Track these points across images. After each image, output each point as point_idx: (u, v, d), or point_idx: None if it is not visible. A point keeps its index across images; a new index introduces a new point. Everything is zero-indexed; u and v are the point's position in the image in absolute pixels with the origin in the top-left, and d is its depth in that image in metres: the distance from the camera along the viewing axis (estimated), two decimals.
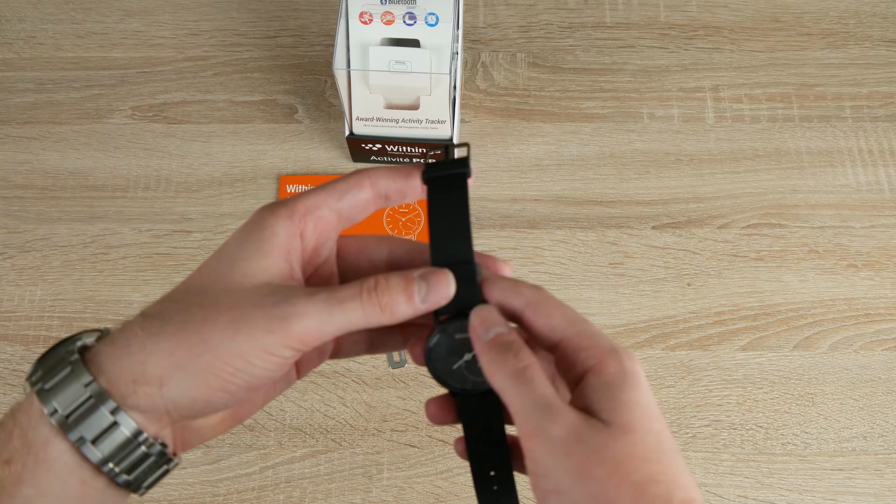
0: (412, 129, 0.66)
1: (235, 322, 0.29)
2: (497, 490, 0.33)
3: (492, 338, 0.31)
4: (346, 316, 0.30)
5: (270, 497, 0.60)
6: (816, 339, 0.64)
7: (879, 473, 0.60)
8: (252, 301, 0.30)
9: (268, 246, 0.31)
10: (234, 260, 0.31)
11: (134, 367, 0.29)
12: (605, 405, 0.29)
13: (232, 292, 0.30)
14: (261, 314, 0.29)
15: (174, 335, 0.29)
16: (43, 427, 0.29)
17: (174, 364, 0.29)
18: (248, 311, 0.29)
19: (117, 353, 0.30)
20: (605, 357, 0.30)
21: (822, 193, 0.68)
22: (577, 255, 0.67)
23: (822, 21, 0.75)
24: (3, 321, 0.65)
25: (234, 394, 0.30)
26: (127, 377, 0.29)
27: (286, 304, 0.30)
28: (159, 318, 0.30)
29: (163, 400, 0.29)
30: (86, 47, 0.74)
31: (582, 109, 0.72)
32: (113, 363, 0.30)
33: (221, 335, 0.29)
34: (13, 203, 0.69)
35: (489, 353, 0.31)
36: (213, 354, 0.29)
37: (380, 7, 0.62)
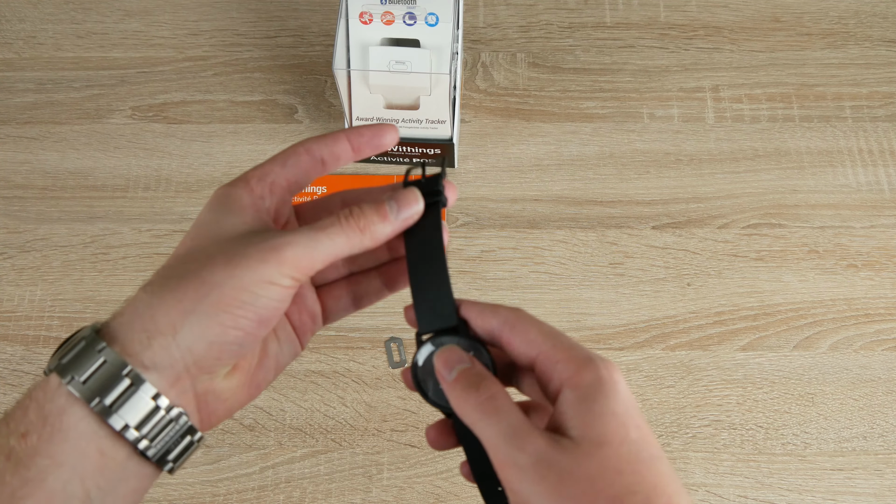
0: (412, 129, 0.66)
1: (231, 260, 0.31)
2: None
3: (455, 376, 0.32)
4: (330, 241, 0.32)
5: (270, 497, 0.60)
6: (816, 339, 0.64)
7: (879, 473, 0.60)
8: (242, 243, 0.31)
9: (237, 207, 0.33)
10: (211, 223, 0.33)
11: (145, 323, 0.30)
12: (578, 420, 0.29)
13: (219, 243, 0.32)
14: (253, 249, 0.31)
15: (177, 287, 0.30)
16: (59, 398, 0.29)
17: (184, 309, 0.30)
18: (241, 250, 0.31)
19: (126, 319, 0.31)
20: (581, 367, 0.30)
21: (822, 193, 0.68)
22: (577, 255, 0.67)
23: (822, 21, 0.75)
24: (3, 321, 0.65)
25: (247, 329, 0.31)
26: (140, 334, 0.30)
27: (274, 238, 0.31)
28: (159, 279, 0.31)
29: (179, 350, 0.30)
30: (86, 47, 0.74)
31: (582, 109, 0.72)
32: (124, 327, 0.30)
33: (222, 274, 0.30)
34: (13, 203, 0.69)
35: (454, 392, 0.32)
36: (219, 291, 0.30)
37: (380, 7, 0.62)
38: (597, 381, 0.30)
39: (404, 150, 0.67)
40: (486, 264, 0.66)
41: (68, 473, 0.28)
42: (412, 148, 0.67)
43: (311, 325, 0.38)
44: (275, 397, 0.63)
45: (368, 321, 0.65)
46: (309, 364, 0.64)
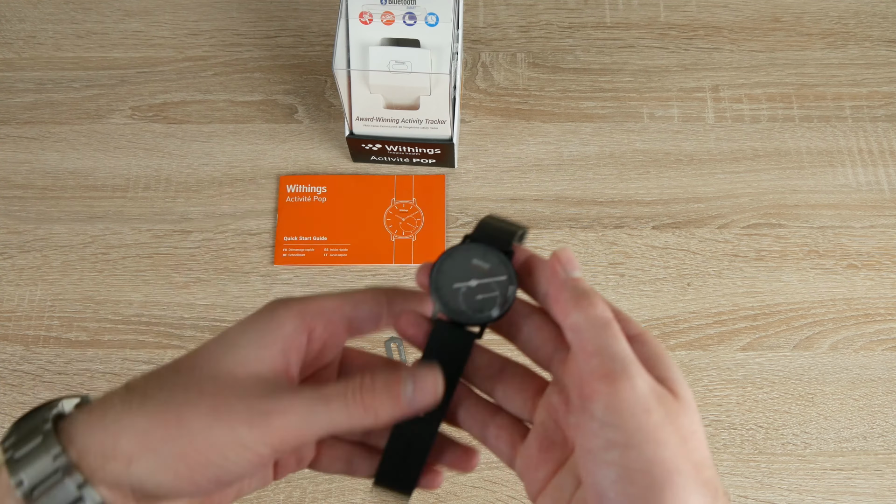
0: (412, 129, 0.66)
1: (216, 410, 0.29)
2: (409, 442, 0.32)
3: (574, 279, 0.31)
4: (329, 415, 0.29)
5: (270, 497, 0.60)
6: (816, 339, 0.64)
7: (879, 473, 0.60)
8: (237, 391, 0.29)
9: (270, 337, 0.31)
10: (231, 345, 0.31)
11: (106, 441, 0.29)
12: (670, 375, 0.29)
13: (219, 378, 0.30)
14: (243, 406, 0.29)
15: (152, 415, 0.29)
16: (9, 500, 0.28)
17: (146, 445, 0.28)
18: (231, 401, 0.29)
19: (92, 423, 0.29)
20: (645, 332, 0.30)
21: (822, 193, 0.68)
22: (577, 255, 0.67)
23: (822, 21, 0.75)
24: (3, 321, 0.65)
25: (202, 486, 0.29)
26: (97, 450, 0.29)
27: (270, 398, 0.29)
28: (140, 394, 0.29)
29: (129, 479, 0.29)
30: (86, 47, 0.74)
31: (582, 109, 0.72)
32: (86, 434, 0.29)
33: (200, 422, 0.28)
34: (13, 203, 0.69)
35: (573, 292, 0.30)
36: (188, 441, 0.28)
37: (380, 7, 0.62)
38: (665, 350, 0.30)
39: (404, 149, 0.67)
40: None
41: None
42: (412, 148, 0.67)
43: (294, 466, 0.35)
44: None
45: None
46: None
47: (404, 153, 0.68)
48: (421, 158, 0.68)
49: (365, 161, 0.70)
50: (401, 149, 0.67)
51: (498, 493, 0.60)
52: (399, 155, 0.68)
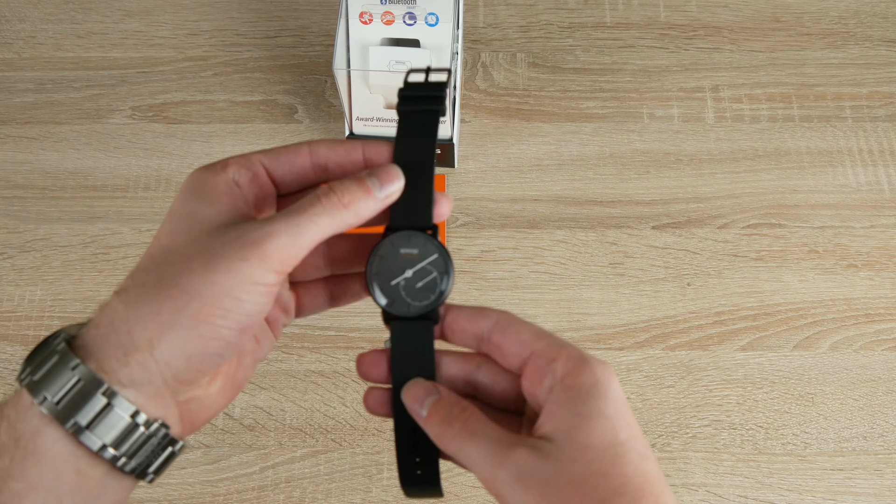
0: None
1: (209, 263, 0.29)
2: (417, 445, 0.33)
3: (429, 411, 0.31)
4: (314, 224, 0.30)
5: (270, 497, 0.60)
6: (816, 339, 0.64)
7: (879, 473, 0.60)
8: (220, 240, 0.29)
9: (213, 195, 0.31)
10: (186, 216, 0.31)
11: (121, 339, 0.28)
12: (566, 422, 0.29)
13: (196, 240, 0.30)
14: (231, 247, 0.29)
15: (154, 297, 0.29)
16: (32, 418, 0.28)
17: (161, 323, 0.28)
18: (219, 249, 0.29)
19: (101, 331, 0.29)
20: (576, 367, 0.30)
21: (822, 193, 0.68)
22: (577, 255, 0.67)
23: (822, 21, 0.75)
24: (3, 321, 0.65)
25: (228, 339, 0.29)
26: (116, 351, 0.28)
27: (252, 230, 0.29)
28: (134, 288, 0.29)
29: (157, 365, 0.28)
30: (86, 47, 0.74)
31: (582, 109, 0.72)
32: (99, 342, 0.29)
33: (200, 280, 0.29)
34: (13, 203, 0.69)
35: (431, 429, 0.31)
36: (199, 301, 0.28)
37: (380, 7, 0.62)
38: (591, 382, 0.29)
39: None
40: (486, 264, 0.66)
41: (44, 496, 0.28)
42: None
43: (283, 318, 0.36)
44: (275, 397, 0.63)
45: (368, 321, 0.65)
46: (309, 364, 0.64)
47: None
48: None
49: None
50: None
51: None
52: None
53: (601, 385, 0.29)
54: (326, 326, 0.64)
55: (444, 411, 0.31)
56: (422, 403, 0.32)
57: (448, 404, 0.31)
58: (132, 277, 0.30)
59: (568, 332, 0.64)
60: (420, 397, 0.32)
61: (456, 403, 0.31)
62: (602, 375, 0.30)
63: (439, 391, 0.32)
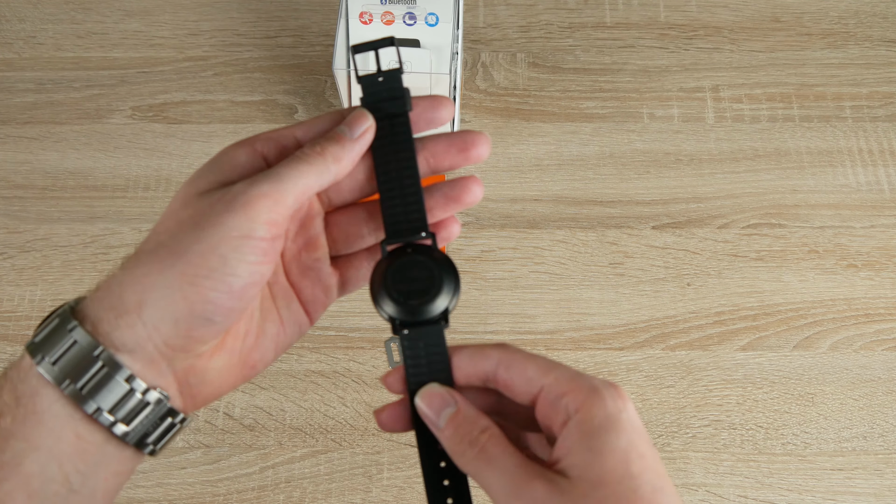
0: None
1: (198, 221, 0.29)
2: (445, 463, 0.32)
3: (447, 422, 0.31)
4: (297, 172, 0.30)
5: (270, 497, 0.60)
6: (816, 339, 0.64)
7: (879, 473, 0.60)
8: (207, 200, 0.30)
9: (229, 167, 0.31)
10: (197, 184, 0.31)
11: (113, 301, 0.29)
12: (579, 458, 0.28)
13: (190, 204, 0.30)
14: (219, 203, 0.29)
15: (147, 260, 0.29)
16: (31, 378, 0.28)
17: (147, 284, 0.29)
18: (206, 208, 0.29)
19: (98, 296, 0.29)
20: (584, 401, 0.29)
21: (822, 193, 0.68)
22: (577, 255, 0.67)
23: (822, 21, 0.75)
24: (3, 321, 0.65)
25: (217, 303, 0.29)
26: (108, 314, 0.29)
27: (238, 187, 0.30)
28: (134, 255, 0.30)
29: (146, 329, 0.28)
30: (86, 47, 0.74)
31: (582, 109, 0.72)
32: (95, 306, 0.29)
33: (187, 238, 0.29)
34: (13, 203, 0.69)
35: (450, 444, 0.30)
36: (184, 260, 0.28)
37: (380, 7, 0.62)
38: (602, 416, 0.28)
39: None
40: (486, 264, 0.66)
41: (45, 457, 0.28)
42: None
43: (323, 299, 0.35)
44: (275, 397, 0.63)
45: (368, 321, 0.65)
46: (309, 364, 0.64)
47: None
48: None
49: None
50: None
51: None
52: None
53: (612, 417, 0.28)
54: (326, 326, 0.65)
55: (462, 428, 0.30)
56: (438, 413, 0.31)
57: (467, 421, 0.30)
58: (139, 246, 0.31)
59: (568, 332, 0.64)
60: (436, 405, 0.31)
61: (475, 422, 0.30)
62: (613, 407, 0.29)
63: (457, 402, 0.31)
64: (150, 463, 0.61)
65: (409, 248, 0.33)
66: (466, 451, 0.30)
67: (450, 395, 0.31)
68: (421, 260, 0.33)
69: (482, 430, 0.30)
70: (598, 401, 0.29)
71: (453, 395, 0.31)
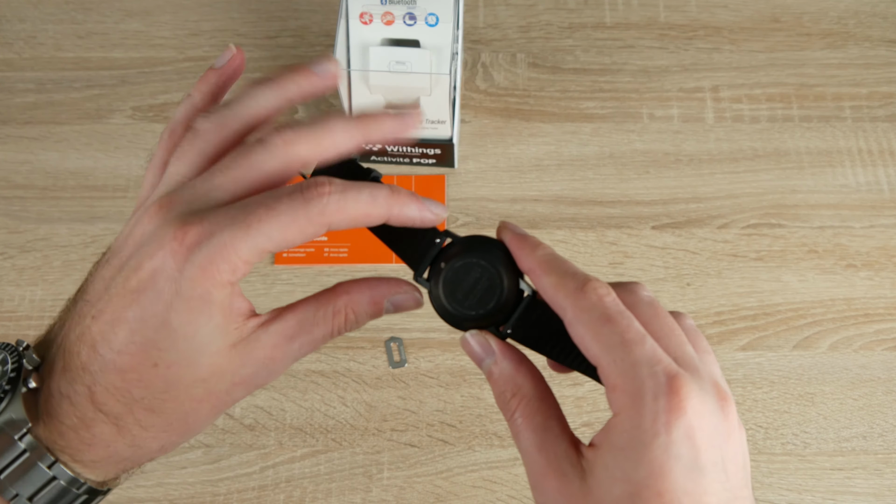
0: None
1: (217, 407, 0.30)
2: None
3: (487, 374, 0.30)
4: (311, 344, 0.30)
5: (271, 496, 0.60)
6: (816, 339, 0.64)
7: (879, 473, 0.61)
8: (227, 378, 0.29)
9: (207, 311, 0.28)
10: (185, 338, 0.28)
11: (122, 463, 0.30)
12: (600, 467, 0.25)
13: (201, 378, 0.28)
14: (239, 388, 0.29)
15: (163, 430, 0.29)
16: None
17: (162, 446, 0.30)
18: (225, 387, 0.29)
19: (98, 457, 0.29)
20: (624, 408, 0.25)
21: (821, 193, 0.69)
22: (577, 255, 0.67)
23: (821, 21, 0.75)
24: (4, 321, 0.65)
25: None
26: (112, 469, 0.30)
27: (249, 365, 0.29)
28: (135, 422, 0.29)
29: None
30: (86, 47, 0.74)
31: (582, 109, 0.72)
32: (97, 465, 0.29)
33: (208, 417, 0.30)
34: (13, 203, 0.69)
35: (496, 399, 0.29)
36: (200, 427, 0.30)
37: (380, 7, 0.62)
38: (629, 438, 0.24)
39: (404, 150, 0.67)
40: None
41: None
42: (412, 148, 0.67)
43: None
44: (275, 397, 0.63)
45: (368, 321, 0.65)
46: (309, 364, 0.64)
47: (404, 153, 0.68)
48: (421, 158, 0.68)
49: (365, 161, 0.70)
50: (401, 149, 0.67)
51: (498, 493, 0.60)
52: (399, 155, 0.68)
53: (640, 441, 0.24)
54: None
55: (498, 386, 0.29)
56: (480, 360, 0.30)
57: (502, 378, 0.29)
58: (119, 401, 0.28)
59: None
60: (476, 354, 0.30)
61: (508, 381, 0.29)
62: (650, 426, 0.24)
63: (494, 354, 0.29)
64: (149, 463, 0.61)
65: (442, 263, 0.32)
66: (503, 411, 0.29)
67: (487, 344, 0.30)
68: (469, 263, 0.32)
69: (513, 392, 0.29)
70: (636, 414, 0.24)
71: (490, 346, 0.30)
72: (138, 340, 0.27)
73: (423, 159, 0.68)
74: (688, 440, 0.24)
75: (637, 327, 0.26)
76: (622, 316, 0.26)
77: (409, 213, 0.30)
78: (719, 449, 0.25)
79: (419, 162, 0.69)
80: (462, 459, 0.61)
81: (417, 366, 0.63)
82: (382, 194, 0.29)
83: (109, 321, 0.28)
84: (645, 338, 0.26)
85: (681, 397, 0.24)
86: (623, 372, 0.25)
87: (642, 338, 0.26)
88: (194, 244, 0.27)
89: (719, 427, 0.26)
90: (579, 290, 0.27)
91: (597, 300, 0.27)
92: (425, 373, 0.63)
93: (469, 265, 0.32)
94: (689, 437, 0.24)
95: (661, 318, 0.28)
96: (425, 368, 0.63)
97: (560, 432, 0.28)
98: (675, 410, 0.24)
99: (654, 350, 0.25)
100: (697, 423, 0.24)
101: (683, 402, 0.24)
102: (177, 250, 0.27)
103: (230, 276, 0.27)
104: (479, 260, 0.32)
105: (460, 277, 0.31)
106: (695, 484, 0.24)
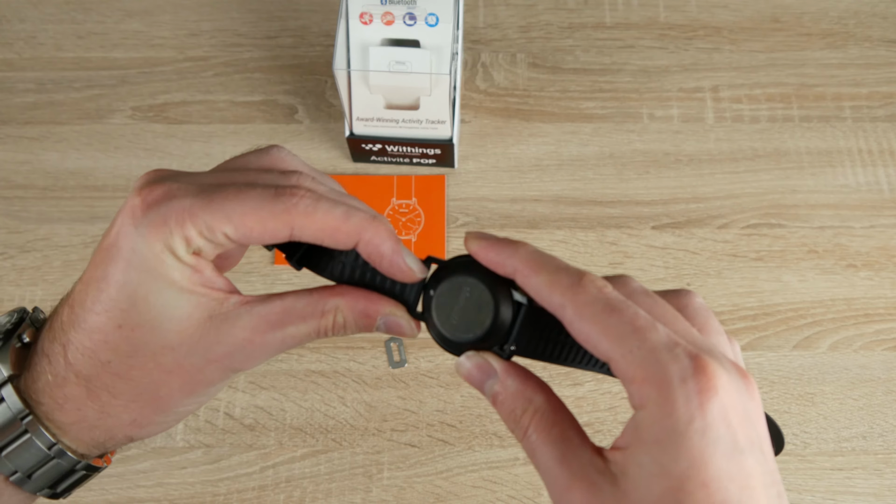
0: (412, 129, 0.66)
1: (191, 386, 0.29)
2: None
3: (491, 398, 0.28)
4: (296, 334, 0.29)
5: (271, 497, 0.60)
6: (816, 339, 0.64)
7: (879, 473, 0.61)
8: (200, 353, 0.28)
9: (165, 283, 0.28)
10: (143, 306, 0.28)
11: (95, 435, 0.30)
12: (631, 467, 0.23)
13: (172, 349, 0.28)
14: (216, 368, 0.29)
15: (131, 406, 0.29)
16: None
17: (138, 424, 0.30)
18: (201, 365, 0.29)
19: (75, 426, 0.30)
20: (650, 399, 0.22)
21: (821, 193, 0.69)
22: (577, 256, 0.67)
23: (821, 21, 0.75)
24: None
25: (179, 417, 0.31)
26: (88, 436, 0.30)
27: (225, 343, 0.28)
28: (104, 387, 0.29)
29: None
30: (86, 47, 0.74)
31: (582, 110, 0.72)
32: (73, 432, 0.30)
33: (179, 396, 0.29)
34: (14, 203, 0.69)
35: (504, 420, 0.27)
36: (179, 410, 0.30)
37: (380, 7, 0.62)
38: (662, 429, 0.22)
39: (404, 150, 0.67)
40: None
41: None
42: (412, 148, 0.67)
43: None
44: (275, 397, 0.63)
45: None
46: (309, 364, 0.64)
47: (404, 153, 0.68)
48: (421, 158, 0.68)
49: (365, 161, 0.70)
50: (401, 149, 0.67)
51: (498, 493, 0.60)
52: (399, 155, 0.68)
53: (675, 431, 0.22)
54: None
55: (505, 406, 0.27)
56: (482, 384, 0.28)
57: (510, 397, 0.27)
58: (90, 363, 0.28)
59: None
60: (475, 378, 0.28)
61: (517, 397, 0.27)
62: (684, 412, 0.22)
63: (498, 374, 0.27)
64: (150, 462, 0.61)
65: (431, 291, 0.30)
66: (514, 431, 0.27)
67: (488, 365, 0.28)
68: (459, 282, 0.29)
69: (524, 408, 0.27)
70: (665, 403, 0.22)
71: (492, 367, 0.28)
72: (104, 300, 0.28)
73: (423, 159, 0.68)
74: (723, 421, 0.22)
75: (644, 314, 0.24)
76: (627, 305, 0.25)
77: (382, 248, 0.28)
78: (754, 428, 0.23)
79: (419, 162, 0.69)
80: (462, 459, 0.61)
81: (417, 366, 0.63)
82: (359, 216, 0.28)
83: (85, 281, 0.29)
84: (655, 323, 0.24)
85: (709, 376, 0.22)
86: (641, 361, 0.23)
87: (653, 323, 0.24)
88: (154, 202, 0.27)
89: (749, 405, 0.24)
90: (576, 284, 0.25)
91: (597, 292, 0.25)
92: (425, 373, 0.63)
93: (455, 286, 0.29)
94: (723, 417, 0.22)
95: (662, 306, 0.26)
96: (425, 368, 0.63)
97: (581, 441, 0.26)
98: (707, 391, 0.22)
99: (669, 333, 0.24)
100: (730, 401, 0.22)
101: (713, 381, 0.22)
102: (136, 207, 0.27)
103: (182, 242, 0.27)
104: (465, 277, 0.29)
105: (450, 302, 0.29)
106: (738, 467, 0.22)
